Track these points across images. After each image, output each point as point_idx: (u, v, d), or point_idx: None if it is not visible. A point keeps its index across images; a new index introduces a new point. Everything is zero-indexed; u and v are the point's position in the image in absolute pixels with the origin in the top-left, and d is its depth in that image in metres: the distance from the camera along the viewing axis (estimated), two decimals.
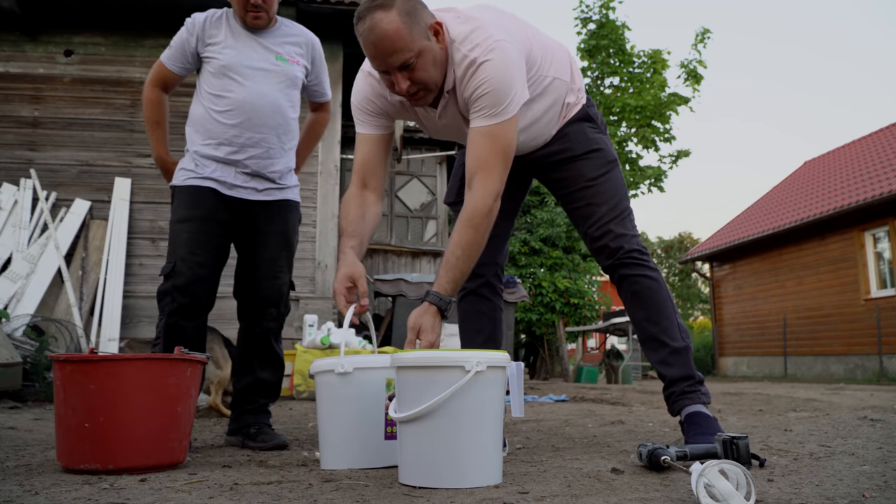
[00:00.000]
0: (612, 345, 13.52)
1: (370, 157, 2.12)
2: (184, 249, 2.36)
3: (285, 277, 2.58)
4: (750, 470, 1.62)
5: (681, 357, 2.12)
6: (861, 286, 13.29)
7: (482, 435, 1.55)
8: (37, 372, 4.64)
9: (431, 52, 1.85)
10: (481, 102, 1.87)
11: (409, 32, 1.80)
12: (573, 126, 2.20)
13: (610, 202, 2.16)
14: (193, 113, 2.51)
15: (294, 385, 5.22)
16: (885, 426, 2.65)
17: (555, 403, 4.98)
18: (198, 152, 2.45)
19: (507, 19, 2.02)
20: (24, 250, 6.08)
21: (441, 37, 1.88)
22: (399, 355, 1.60)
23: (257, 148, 2.46)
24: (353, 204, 2.09)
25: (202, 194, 2.41)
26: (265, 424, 2.46)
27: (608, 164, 2.21)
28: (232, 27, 2.51)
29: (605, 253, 2.16)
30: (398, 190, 10.70)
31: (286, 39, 2.58)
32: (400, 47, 1.80)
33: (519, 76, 1.90)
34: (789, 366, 14.90)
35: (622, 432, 2.72)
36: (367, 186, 2.11)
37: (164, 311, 2.37)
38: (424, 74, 1.86)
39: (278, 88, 2.51)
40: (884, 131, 16.81)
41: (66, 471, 1.81)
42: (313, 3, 6.73)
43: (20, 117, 6.66)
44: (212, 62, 2.47)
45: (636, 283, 2.15)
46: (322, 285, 6.97)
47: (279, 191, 2.55)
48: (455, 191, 2.36)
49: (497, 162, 1.88)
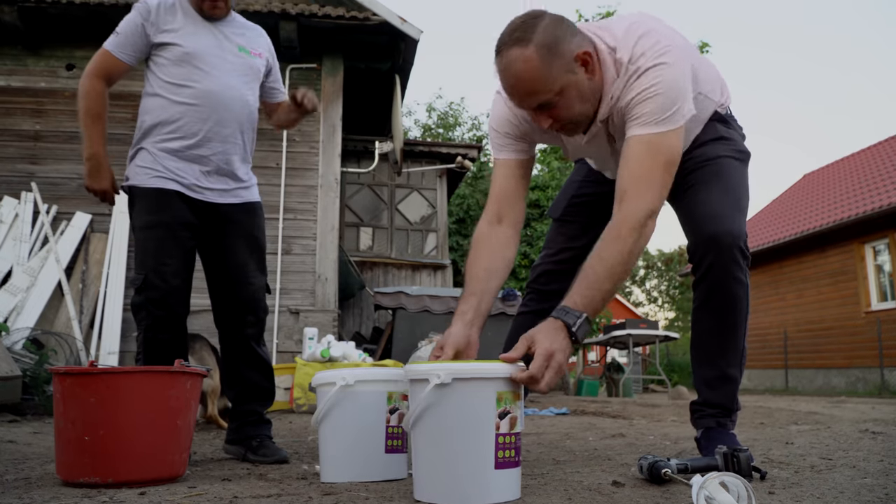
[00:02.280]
0: (613, 358, 13.49)
1: (508, 187, 1.91)
2: (153, 260, 2.24)
3: (259, 282, 2.46)
4: (751, 482, 1.61)
5: (729, 386, 1.94)
6: (861, 299, 13.28)
7: (458, 449, 1.45)
8: (36, 385, 4.63)
9: (577, 86, 1.68)
10: (644, 108, 1.67)
11: (548, 71, 1.62)
12: (704, 126, 2.00)
13: (726, 184, 1.88)
14: (148, 105, 2.34)
15: (294, 398, 5.21)
16: (886, 439, 2.64)
17: (555, 416, 4.96)
18: (157, 147, 2.30)
19: (674, 31, 1.83)
20: (25, 263, 6.09)
21: (591, 66, 1.69)
22: (406, 367, 1.59)
23: (224, 143, 2.34)
24: (483, 248, 1.84)
25: (166, 196, 2.27)
26: (267, 437, 2.41)
27: (736, 151, 1.97)
28: (188, 14, 2.36)
29: (701, 240, 1.84)
30: (398, 203, 10.72)
31: (244, 31, 2.48)
32: (537, 88, 1.64)
33: (687, 87, 1.72)
34: (790, 379, 14.86)
35: (623, 445, 2.71)
36: (503, 221, 1.89)
37: (140, 326, 2.28)
38: (568, 112, 1.70)
39: (243, 81, 2.40)
40: (883, 144, 16.85)
41: (66, 484, 1.80)
42: (314, 17, 6.78)
43: (21, 131, 6.70)
44: (171, 49, 2.30)
45: (718, 291, 1.86)
46: (322, 298, 6.97)
47: (245, 191, 2.44)
48: (562, 206, 2.22)
49: (656, 175, 1.66)
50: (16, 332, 5.44)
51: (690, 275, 2.06)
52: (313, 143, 7.23)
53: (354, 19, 6.94)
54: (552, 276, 2.27)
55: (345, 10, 6.99)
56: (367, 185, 10.60)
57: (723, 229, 1.81)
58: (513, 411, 1.48)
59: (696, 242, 1.86)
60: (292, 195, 7.06)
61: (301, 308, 6.90)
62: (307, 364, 5.29)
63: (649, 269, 43.62)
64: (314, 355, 5.40)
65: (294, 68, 7.18)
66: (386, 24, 7.04)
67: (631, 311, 31.99)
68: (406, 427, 1.53)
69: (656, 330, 11.52)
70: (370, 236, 10.64)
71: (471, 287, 1.81)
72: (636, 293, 45.01)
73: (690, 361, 2.06)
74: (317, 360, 5.36)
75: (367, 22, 6.97)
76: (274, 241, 6.84)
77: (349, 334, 9.01)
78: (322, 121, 7.27)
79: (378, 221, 10.66)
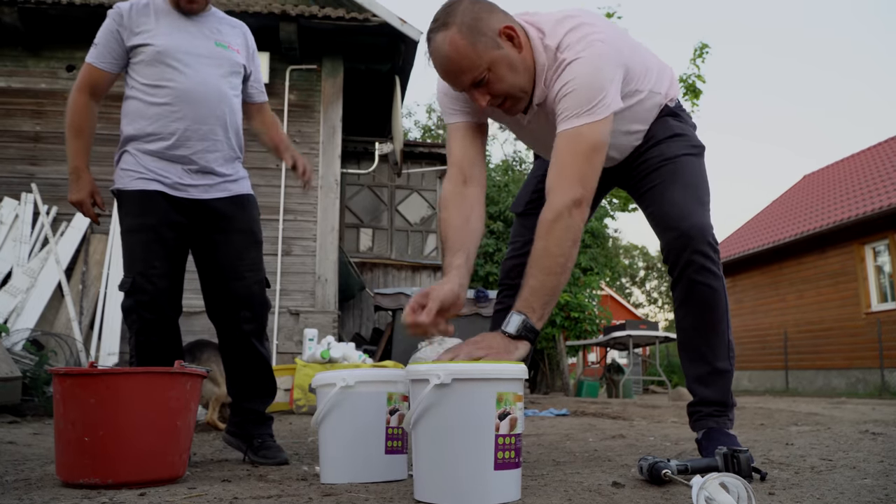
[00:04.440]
0: (613, 359, 13.52)
1: (467, 147, 1.90)
2: (140, 263, 2.22)
3: (254, 276, 2.39)
4: (751, 483, 1.61)
5: (721, 379, 1.95)
6: (862, 300, 13.29)
7: (457, 450, 1.45)
8: (36, 386, 4.63)
9: (506, 59, 1.72)
10: (565, 103, 1.71)
11: (473, 49, 1.68)
12: (656, 121, 2.03)
13: (687, 181, 1.92)
14: (127, 109, 2.33)
15: (294, 399, 5.21)
16: (886, 440, 2.64)
17: (555, 418, 4.96)
18: (138, 149, 2.28)
19: (610, 26, 1.88)
20: (25, 264, 6.09)
21: (518, 40, 1.73)
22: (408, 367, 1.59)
23: (204, 141, 2.29)
24: (452, 206, 1.84)
25: (150, 198, 2.25)
26: (268, 436, 2.40)
27: (692, 147, 2.00)
28: (161, 13, 2.32)
29: (671, 238, 1.88)
30: (398, 204, 10.72)
31: (221, 26, 2.43)
32: (466, 66, 1.69)
33: (612, 80, 1.74)
34: (790, 380, 14.86)
35: (623, 446, 2.71)
36: (469, 182, 1.88)
37: (132, 329, 2.27)
38: (503, 85, 1.74)
39: (220, 75, 2.34)
40: (882, 145, 16.87)
41: (66, 485, 1.80)
42: (314, 18, 6.78)
43: (22, 132, 6.70)
44: (145, 50, 2.27)
45: (695, 287, 1.90)
46: (322, 299, 6.97)
47: (233, 184, 2.39)
48: (524, 201, 2.25)
49: (577, 166, 1.68)
50: (16, 334, 5.44)
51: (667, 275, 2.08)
52: (313, 144, 7.23)
53: (354, 20, 6.94)
54: (521, 270, 2.29)
55: (345, 12, 6.99)
56: (367, 186, 10.61)
57: (689, 225, 1.85)
58: (513, 412, 1.47)
59: (667, 242, 1.90)
60: (292, 196, 7.06)
61: (301, 309, 6.90)
62: (307, 365, 5.29)
63: (649, 270, 43.61)
64: (314, 356, 5.40)
65: (294, 69, 7.19)
66: (386, 25, 7.04)
67: (631, 312, 31.99)
68: (406, 427, 1.53)
69: (656, 331, 11.52)
70: (370, 237, 10.64)
71: (454, 242, 1.79)
72: (636, 294, 45.01)
73: (681, 363, 2.07)
74: (317, 361, 5.36)
75: (366, 23, 6.97)
76: (274, 242, 6.84)
77: (349, 335, 9.02)
78: (322, 122, 7.28)
79: (378, 222, 10.66)
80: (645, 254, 44.26)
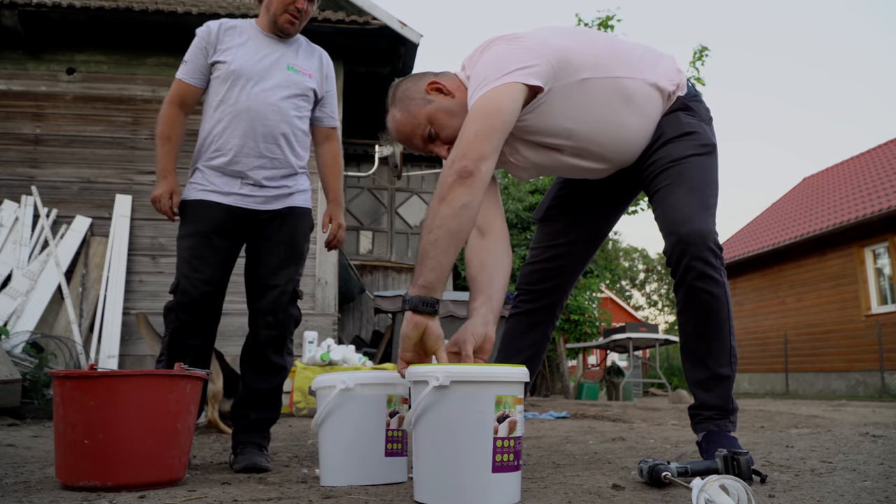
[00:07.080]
0: (613, 361, 13.52)
1: None
2: (186, 266, 2.33)
3: (285, 286, 2.44)
4: (751, 485, 1.61)
5: (721, 385, 1.96)
6: (861, 302, 13.28)
7: (456, 452, 1.45)
8: (36, 389, 4.63)
9: (441, 108, 1.89)
10: (469, 90, 1.81)
11: (409, 115, 1.90)
12: (667, 116, 2.03)
13: (692, 184, 1.91)
14: (201, 125, 2.46)
15: (294, 402, 5.21)
16: (886, 442, 2.64)
17: (555, 420, 4.96)
18: (205, 165, 2.41)
19: (539, 31, 1.94)
20: (25, 267, 6.09)
21: (446, 88, 1.91)
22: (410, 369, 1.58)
23: (261, 158, 2.38)
24: (472, 256, 1.90)
25: (206, 207, 2.36)
26: (250, 443, 2.35)
27: (700, 146, 1.98)
28: (246, 34, 2.46)
29: (672, 244, 1.87)
30: (398, 207, 10.73)
31: (299, 50, 2.53)
32: (409, 131, 1.91)
33: (519, 63, 1.77)
34: (791, 382, 14.85)
35: (623, 449, 2.70)
36: (486, 233, 1.93)
37: (168, 328, 2.36)
38: (449, 131, 1.88)
39: (284, 97, 2.43)
40: (882, 147, 16.88)
41: (65, 488, 1.80)
42: (314, 21, 6.78)
43: (22, 135, 6.70)
44: (220, 67, 2.40)
45: (695, 293, 1.89)
46: (322, 302, 6.97)
47: (287, 197, 2.47)
48: (544, 207, 2.32)
49: (469, 129, 1.69)
50: (15, 336, 5.44)
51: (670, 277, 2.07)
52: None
53: (354, 23, 6.95)
54: (540, 276, 2.31)
55: (345, 15, 7.00)
56: (368, 188, 10.61)
57: (689, 230, 1.84)
58: (512, 415, 1.47)
59: (670, 247, 1.89)
60: None
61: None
62: (307, 368, 5.29)
63: (649, 272, 43.62)
64: (314, 359, 5.40)
65: None
66: (386, 28, 7.05)
67: (631, 314, 31.99)
68: (407, 427, 1.53)
69: (656, 333, 11.52)
70: (370, 240, 10.65)
71: (473, 289, 1.84)
72: (636, 297, 45.02)
73: (682, 366, 2.08)
74: (316, 363, 5.36)
75: (366, 26, 6.98)
76: None
77: (349, 338, 9.02)
78: None
79: (378, 225, 10.67)
80: (645, 256, 44.30)
